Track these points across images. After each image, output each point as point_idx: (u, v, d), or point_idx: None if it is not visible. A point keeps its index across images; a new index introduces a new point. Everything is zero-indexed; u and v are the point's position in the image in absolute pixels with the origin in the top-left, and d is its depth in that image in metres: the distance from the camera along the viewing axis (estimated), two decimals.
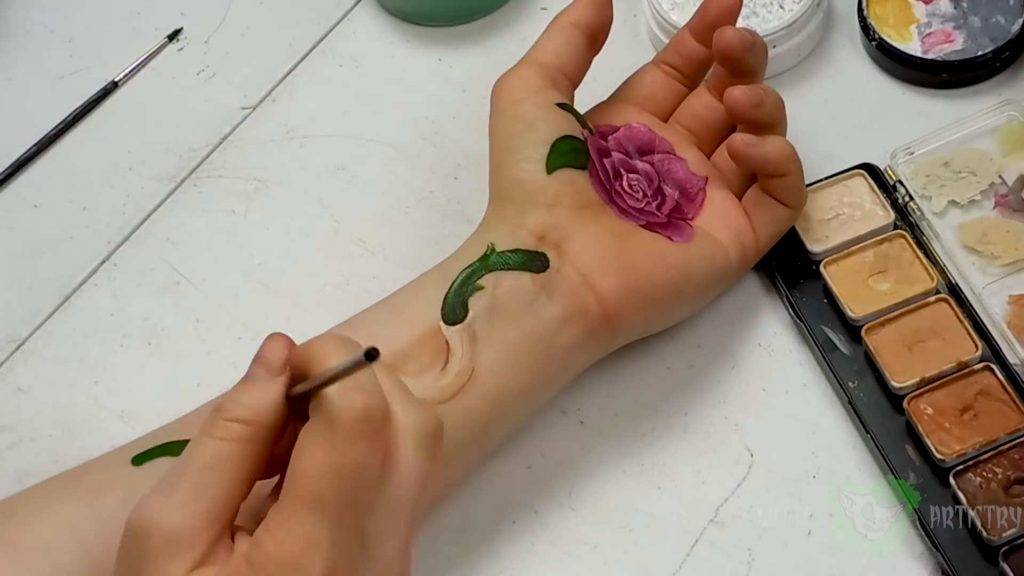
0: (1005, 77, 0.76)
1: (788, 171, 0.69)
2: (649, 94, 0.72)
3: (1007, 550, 0.63)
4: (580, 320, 0.65)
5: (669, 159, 0.71)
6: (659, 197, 0.69)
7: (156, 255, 0.78)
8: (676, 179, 0.70)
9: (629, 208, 0.68)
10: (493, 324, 0.64)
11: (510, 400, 0.65)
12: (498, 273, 0.65)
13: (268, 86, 0.82)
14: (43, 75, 0.84)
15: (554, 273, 0.65)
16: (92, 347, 0.75)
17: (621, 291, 0.65)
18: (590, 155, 0.68)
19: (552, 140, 0.67)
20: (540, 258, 0.65)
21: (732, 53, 0.69)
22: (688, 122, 0.72)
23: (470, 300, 0.65)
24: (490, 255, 0.66)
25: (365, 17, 0.84)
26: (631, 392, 0.70)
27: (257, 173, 0.80)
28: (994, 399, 0.66)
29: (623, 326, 0.66)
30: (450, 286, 0.65)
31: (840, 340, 0.69)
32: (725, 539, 0.66)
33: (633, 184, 0.69)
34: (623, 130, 0.71)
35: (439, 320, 0.64)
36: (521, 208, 0.66)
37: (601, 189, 0.68)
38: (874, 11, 0.78)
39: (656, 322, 0.69)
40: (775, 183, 0.69)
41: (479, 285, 0.65)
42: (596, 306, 0.65)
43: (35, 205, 0.80)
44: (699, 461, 0.68)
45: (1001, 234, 0.71)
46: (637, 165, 0.70)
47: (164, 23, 0.85)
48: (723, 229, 0.69)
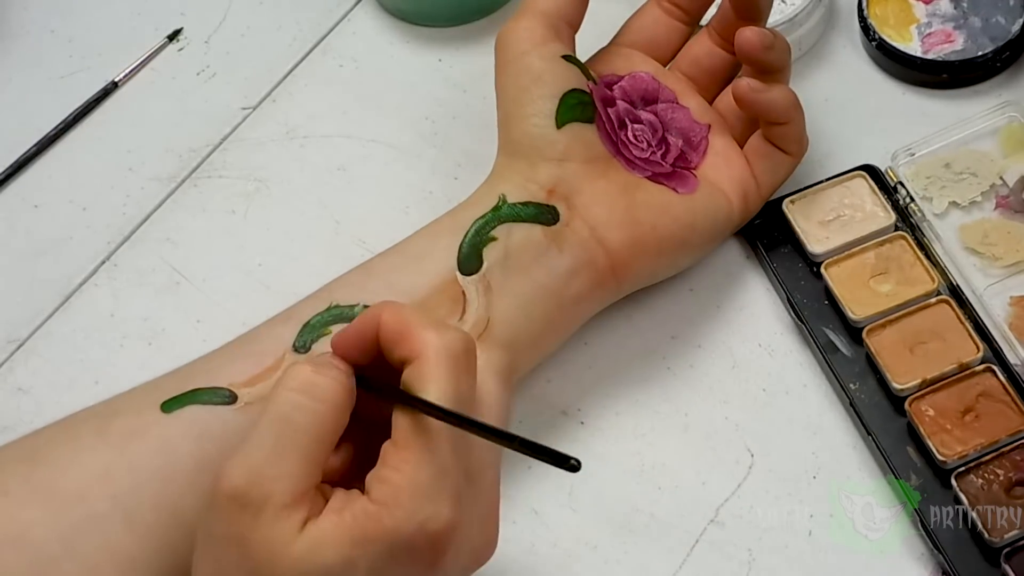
0: (1005, 77, 0.76)
1: (791, 119, 0.70)
2: (651, 37, 0.73)
3: (1009, 552, 0.63)
4: (588, 272, 0.66)
5: (673, 107, 0.71)
6: (663, 146, 0.70)
7: (156, 255, 0.77)
8: (680, 127, 0.71)
9: (635, 159, 0.69)
10: (506, 275, 0.65)
11: (522, 350, 0.66)
12: (509, 225, 0.66)
13: (268, 86, 0.82)
14: (43, 75, 0.84)
15: (563, 227, 0.66)
16: (92, 347, 0.75)
17: (628, 244, 0.67)
18: (596, 107, 0.68)
19: (560, 94, 0.67)
20: (550, 211, 0.66)
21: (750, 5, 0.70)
22: (688, 68, 0.73)
23: (484, 251, 0.65)
24: (502, 206, 0.67)
25: (365, 17, 0.84)
26: (631, 392, 0.70)
27: (257, 173, 0.80)
28: (995, 400, 0.66)
29: (629, 277, 0.68)
30: (464, 235, 0.66)
31: (841, 341, 0.69)
32: (725, 539, 0.66)
33: (638, 134, 0.70)
34: (627, 79, 0.71)
35: (455, 270, 0.65)
36: (532, 162, 0.67)
37: (608, 141, 0.69)
38: (874, 11, 0.78)
39: (661, 272, 0.70)
40: (778, 130, 0.70)
41: (492, 236, 0.66)
42: (604, 259, 0.66)
43: (35, 205, 0.80)
44: (699, 461, 0.68)
45: (1002, 235, 0.71)
46: (642, 115, 0.71)
47: (164, 23, 0.85)
48: (726, 178, 0.70)
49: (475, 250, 0.65)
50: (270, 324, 0.65)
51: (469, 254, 0.65)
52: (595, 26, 0.72)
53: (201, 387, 0.62)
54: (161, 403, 0.61)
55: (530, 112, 0.67)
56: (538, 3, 0.69)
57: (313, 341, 0.64)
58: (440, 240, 0.66)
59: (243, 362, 0.63)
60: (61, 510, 0.59)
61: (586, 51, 0.73)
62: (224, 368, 0.63)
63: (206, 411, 0.61)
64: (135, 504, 0.59)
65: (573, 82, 0.68)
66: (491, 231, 0.66)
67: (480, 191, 0.68)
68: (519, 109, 0.68)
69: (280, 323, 0.65)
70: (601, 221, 0.67)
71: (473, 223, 0.66)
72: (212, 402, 0.61)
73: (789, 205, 0.73)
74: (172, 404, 0.61)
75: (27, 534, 0.58)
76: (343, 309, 0.64)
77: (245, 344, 0.65)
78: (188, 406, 0.61)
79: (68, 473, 0.60)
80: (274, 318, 0.66)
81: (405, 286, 0.65)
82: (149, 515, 0.59)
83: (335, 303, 0.64)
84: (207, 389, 0.62)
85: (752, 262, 0.73)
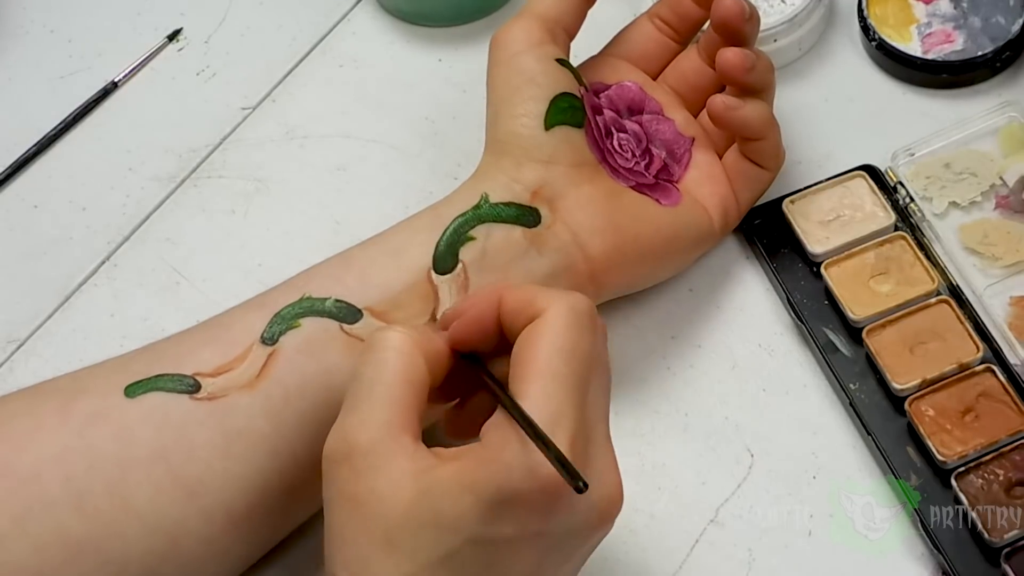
0: (1005, 77, 0.76)
1: (765, 135, 0.70)
2: (641, 50, 0.73)
3: (1009, 552, 0.63)
4: (567, 277, 0.66)
5: (658, 119, 0.71)
6: (647, 157, 0.70)
7: (156, 255, 0.77)
8: (664, 140, 0.71)
9: (620, 167, 0.69)
10: (482, 275, 0.65)
11: None
12: (490, 225, 0.66)
13: (268, 86, 0.82)
14: (43, 75, 0.84)
15: (545, 229, 0.66)
16: (92, 347, 0.75)
17: (609, 251, 0.67)
18: (586, 113, 0.68)
19: (551, 96, 0.67)
20: (533, 213, 0.66)
21: (731, 23, 0.69)
22: (676, 83, 0.73)
23: (461, 250, 0.65)
24: (483, 205, 0.66)
25: (365, 17, 0.84)
26: (631, 392, 0.70)
27: (257, 173, 0.80)
28: (995, 400, 0.66)
29: (608, 284, 0.68)
30: (442, 233, 0.66)
31: (841, 341, 0.69)
32: (725, 539, 0.66)
33: (623, 143, 0.70)
34: (614, 88, 0.72)
35: (430, 267, 0.65)
36: (518, 161, 0.67)
37: (595, 148, 0.69)
38: (874, 11, 0.78)
39: (640, 282, 0.71)
40: (753, 146, 0.70)
41: (470, 235, 0.66)
42: (584, 264, 0.66)
43: (35, 205, 0.80)
44: (699, 461, 0.68)
45: (1002, 235, 0.71)
46: (627, 125, 0.71)
47: (164, 23, 0.85)
48: (707, 193, 0.70)
49: (451, 249, 0.65)
50: (243, 309, 0.65)
51: (445, 253, 0.65)
52: (594, 27, 0.72)
53: (166, 373, 0.62)
54: (125, 386, 0.62)
55: (520, 112, 0.67)
56: (537, 6, 0.70)
57: (282, 333, 0.63)
58: (418, 235, 0.66)
59: (211, 350, 0.63)
60: (14, 489, 0.59)
61: (584, 53, 0.73)
62: (192, 354, 0.63)
63: (168, 399, 0.61)
64: (88, 488, 0.59)
65: (565, 85, 0.68)
66: (470, 230, 0.66)
67: (463, 188, 0.68)
68: (509, 108, 0.68)
69: (252, 309, 0.65)
70: (584, 226, 0.66)
71: (453, 221, 0.66)
72: (176, 390, 0.61)
73: (789, 205, 0.73)
74: (136, 388, 0.62)
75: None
76: (315, 302, 0.64)
77: (215, 329, 0.65)
78: (151, 392, 0.61)
79: (25, 452, 0.60)
80: (247, 303, 0.66)
81: (379, 280, 0.65)
82: (101, 500, 0.59)
83: (308, 295, 0.64)
84: (172, 376, 0.62)
85: (752, 262, 0.73)
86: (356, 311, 0.64)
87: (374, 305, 0.64)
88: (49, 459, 0.60)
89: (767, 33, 0.76)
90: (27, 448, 0.60)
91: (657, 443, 0.69)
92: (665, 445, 0.69)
